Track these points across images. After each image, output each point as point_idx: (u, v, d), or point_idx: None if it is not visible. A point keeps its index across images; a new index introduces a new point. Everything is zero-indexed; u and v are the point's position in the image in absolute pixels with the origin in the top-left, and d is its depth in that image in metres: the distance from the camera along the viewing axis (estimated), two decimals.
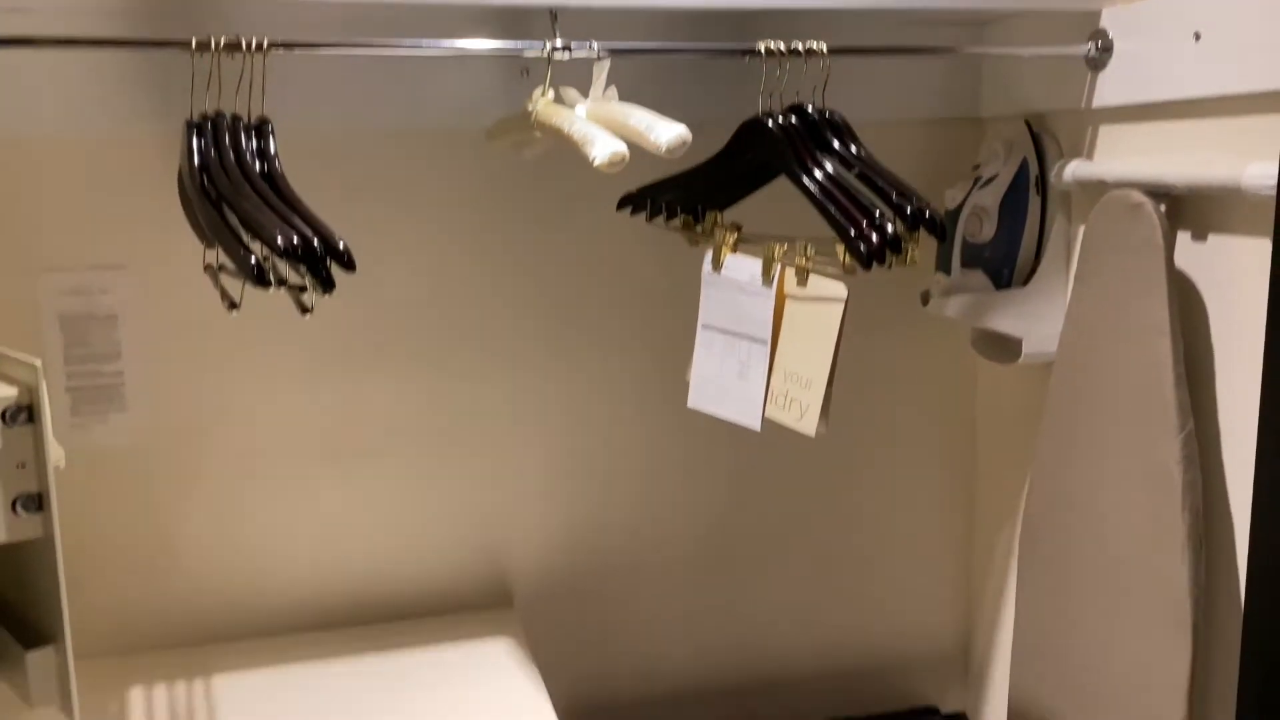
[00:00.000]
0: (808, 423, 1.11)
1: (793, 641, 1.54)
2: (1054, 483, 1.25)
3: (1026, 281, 1.30)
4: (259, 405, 1.29)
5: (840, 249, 1.05)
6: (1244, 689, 1.01)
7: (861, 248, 1.03)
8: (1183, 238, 1.11)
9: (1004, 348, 1.35)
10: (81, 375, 1.22)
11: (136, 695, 1.19)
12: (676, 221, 1.24)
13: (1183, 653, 1.06)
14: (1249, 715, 1.01)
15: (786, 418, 1.14)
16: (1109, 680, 1.18)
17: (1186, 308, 1.10)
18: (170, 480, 1.28)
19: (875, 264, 1.02)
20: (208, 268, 1.11)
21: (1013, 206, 1.30)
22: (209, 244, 1.07)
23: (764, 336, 1.15)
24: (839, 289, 1.08)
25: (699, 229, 1.23)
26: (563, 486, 1.41)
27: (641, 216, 1.26)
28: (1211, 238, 1.08)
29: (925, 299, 1.37)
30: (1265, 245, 1.00)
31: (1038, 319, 1.29)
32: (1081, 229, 1.23)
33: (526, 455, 1.40)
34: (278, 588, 1.34)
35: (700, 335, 1.22)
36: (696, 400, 1.22)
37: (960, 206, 1.33)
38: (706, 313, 1.21)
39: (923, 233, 1.04)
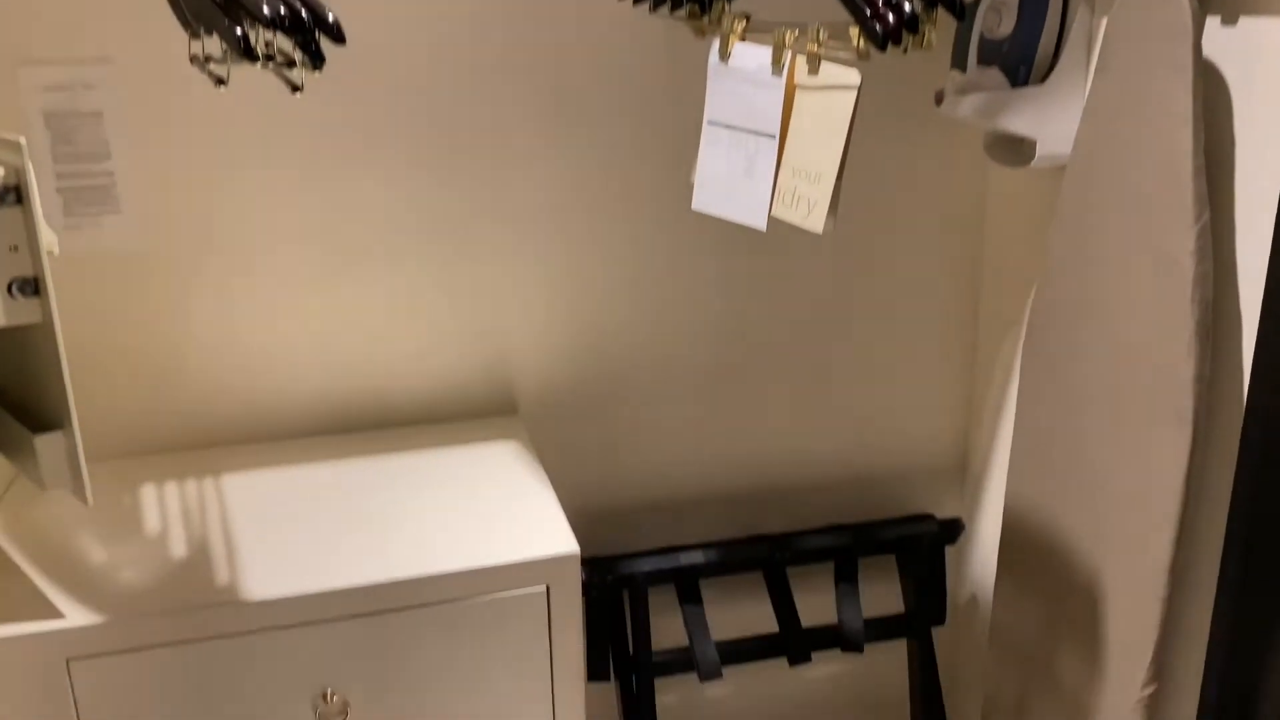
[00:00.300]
0: (815, 219, 1.09)
1: (794, 450, 1.56)
2: (1062, 282, 1.24)
3: (1044, 80, 1.25)
4: (255, 208, 1.27)
5: (855, 31, 1.00)
6: (1239, 484, 1.03)
7: (877, 28, 0.98)
8: (1212, 22, 1.06)
9: (1017, 151, 1.32)
10: (71, 176, 1.19)
11: (149, 492, 1.21)
12: (682, 11, 1.18)
13: (1182, 447, 1.07)
14: (1242, 510, 1.03)
15: (793, 215, 1.11)
16: (1106, 478, 1.20)
17: (1210, 96, 1.06)
18: (171, 284, 1.27)
19: (891, 45, 0.98)
20: (194, 59, 1.06)
21: (1034, 1, 1.24)
22: (194, 33, 1.02)
23: (772, 130, 1.11)
24: (852, 75, 1.04)
25: (706, 19, 1.17)
26: (565, 293, 1.40)
27: (645, 7, 1.20)
28: (1243, 21, 1.03)
29: (939, 99, 1.32)
30: None
31: (1053, 119, 1.25)
32: (1105, 21, 1.17)
33: (528, 261, 1.38)
34: (285, 393, 1.34)
35: (706, 132, 1.18)
36: (701, 202, 1.20)
37: (978, 0, 1.27)
38: (713, 108, 1.17)
39: (940, 14, 0.99)
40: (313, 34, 0.84)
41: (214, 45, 0.93)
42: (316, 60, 0.85)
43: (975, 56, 1.29)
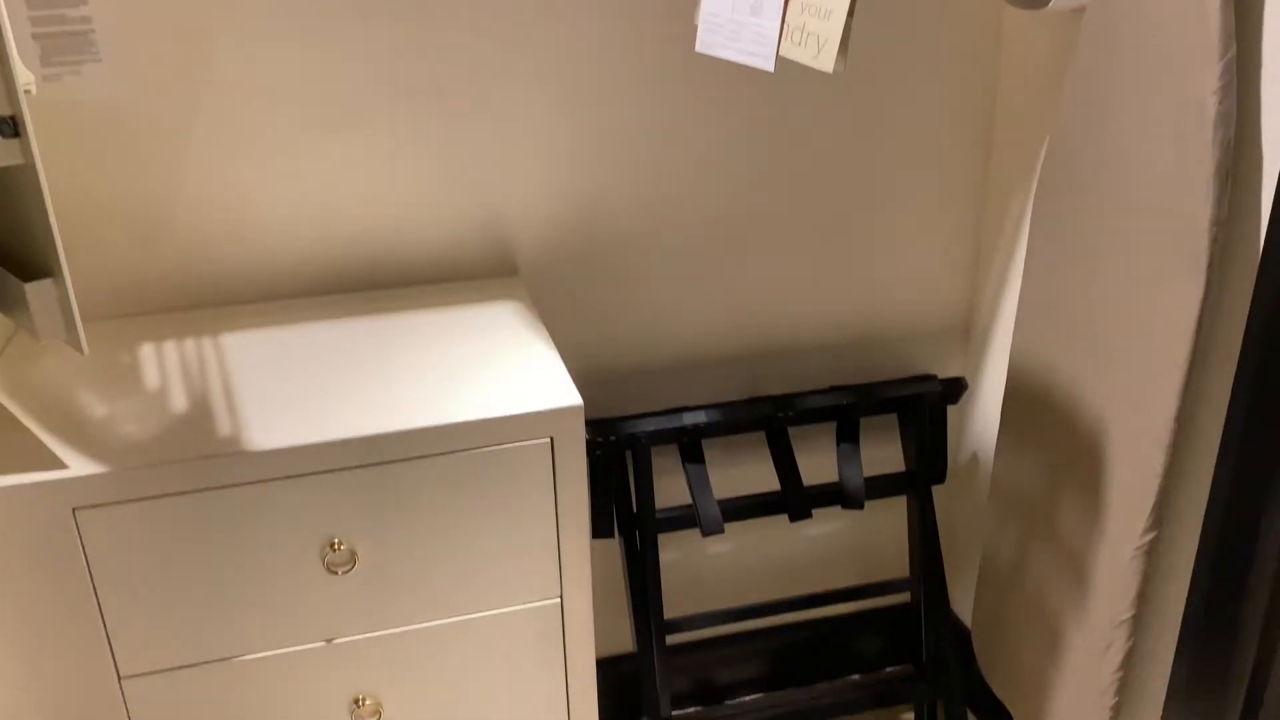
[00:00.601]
0: (825, 58, 1.05)
1: (798, 312, 1.54)
2: (1078, 131, 1.20)
3: None
4: (246, 61, 1.22)
5: None
6: (1250, 331, 1.02)
7: None
8: None
9: None
10: (46, 21, 1.14)
11: (147, 350, 1.20)
12: None
13: (1194, 293, 1.06)
14: (1252, 357, 1.02)
15: (803, 54, 1.07)
16: (1114, 328, 1.18)
17: None
18: (158, 138, 1.23)
19: None
20: None
21: None
22: None
23: None
24: None
25: None
26: (565, 150, 1.36)
27: None
28: None
29: None
30: None
31: None
32: None
33: (526, 116, 1.33)
34: (280, 254, 1.32)
35: None
36: (705, 43, 1.15)
37: None
38: None
39: None
40: None
41: None
42: None
43: None
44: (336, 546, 1.05)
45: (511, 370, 1.14)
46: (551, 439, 1.08)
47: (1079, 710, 1.30)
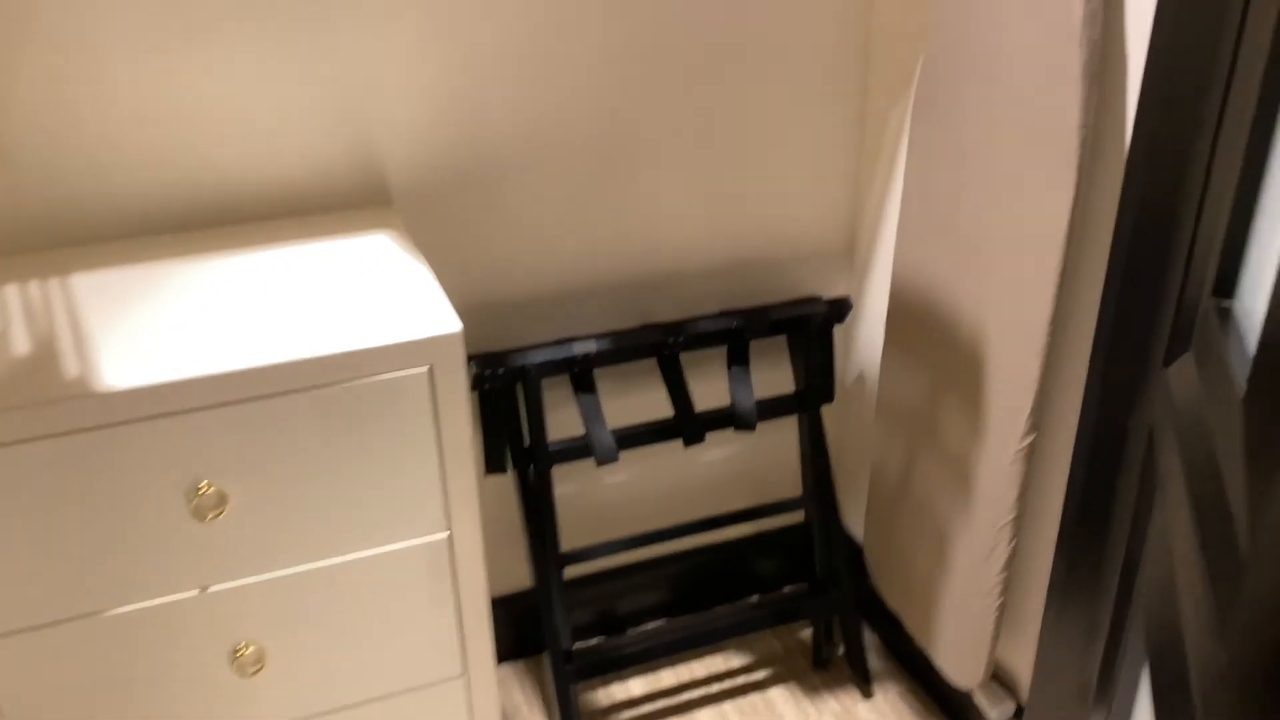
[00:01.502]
0: None
1: (685, 236, 1.52)
2: (948, 38, 1.20)
3: None
4: None
5: None
6: (1119, 231, 1.03)
7: None
8: None
9: None
10: None
11: None
12: None
13: (1064, 195, 1.07)
14: (1121, 257, 1.04)
15: None
16: (989, 235, 1.20)
17: None
18: None
19: None
20: None
21: None
22: None
23: None
24: None
25: None
26: (436, 69, 1.30)
27: None
28: None
29: None
30: None
31: None
32: None
33: (396, 33, 1.27)
34: (127, 186, 1.23)
35: None
36: None
37: None
38: None
39: None
40: None
41: None
42: None
43: None
44: (204, 490, 0.99)
45: (385, 300, 1.09)
46: (430, 368, 1.04)
47: (965, 613, 1.34)
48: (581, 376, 1.46)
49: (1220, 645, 0.61)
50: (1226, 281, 0.76)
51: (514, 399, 1.46)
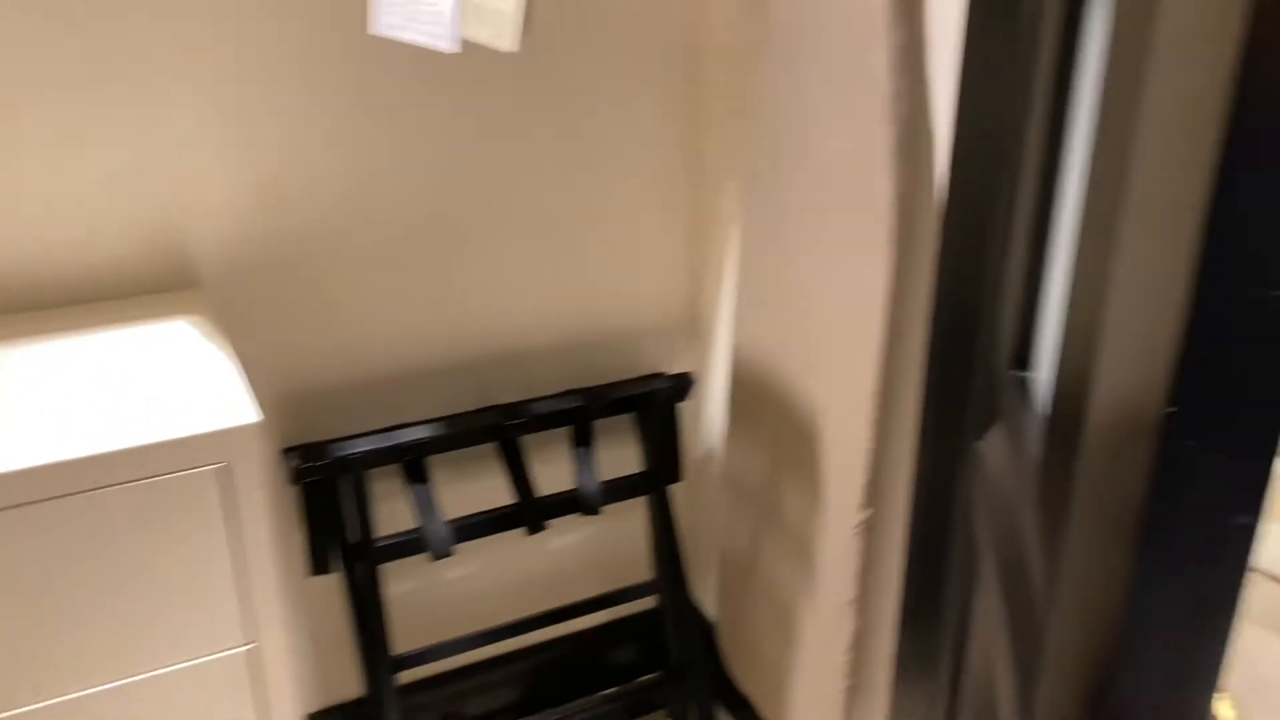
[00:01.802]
0: (507, 36, 0.99)
1: (523, 314, 1.48)
2: (773, 111, 1.21)
3: None
4: None
5: None
6: (936, 303, 1.04)
7: None
8: None
9: None
10: None
11: None
12: None
13: (883, 268, 1.07)
14: (938, 330, 1.04)
15: (483, 33, 1.00)
16: (818, 308, 1.19)
17: None
18: None
19: None
20: None
21: None
22: None
23: None
24: None
25: None
26: (247, 144, 1.23)
27: None
28: None
29: None
30: None
31: None
32: None
33: (200, 105, 1.20)
34: None
35: None
36: (379, 23, 1.06)
37: None
38: None
39: None
40: None
41: None
42: None
43: None
44: None
45: (178, 391, 1.00)
46: (226, 464, 0.96)
47: (816, 695, 1.30)
48: (414, 465, 1.39)
49: None
50: (1023, 353, 0.76)
51: (340, 492, 1.37)
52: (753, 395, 1.36)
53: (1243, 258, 0.42)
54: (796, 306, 1.23)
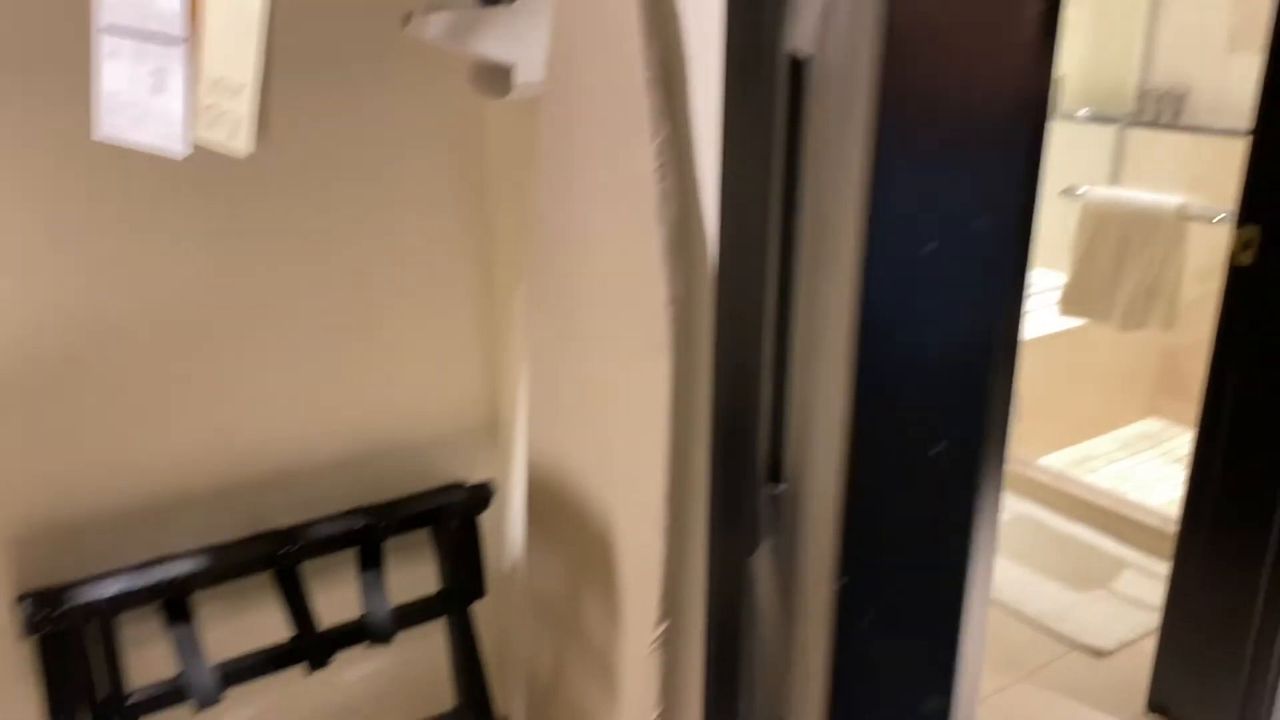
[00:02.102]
0: (241, 140, 0.91)
1: (304, 428, 1.37)
2: (551, 215, 1.17)
3: None
4: None
5: None
6: (716, 410, 1.01)
7: None
8: None
9: (502, 79, 1.23)
10: None
11: None
12: None
13: (663, 370, 1.04)
14: (720, 431, 1.01)
15: (216, 137, 0.93)
16: (607, 415, 1.15)
17: (661, 8, 1.02)
18: None
19: None
20: None
21: None
22: None
23: (178, 33, 0.92)
24: None
25: None
26: None
27: None
28: None
29: (407, 20, 1.19)
30: None
31: (531, 41, 1.17)
32: None
33: None
34: None
35: (102, 42, 0.96)
36: (106, 128, 0.97)
37: None
38: (106, 9, 0.94)
39: None
40: None
41: None
42: None
43: None
44: None
45: None
46: None
47: None
48: (174, 604, 1.25)
49: None
50: (777, 467, 0.73)
51: (85, 642, 1.21)
52: (550, 503, 1.29)
53: (896, 413, 0.39)
54: (587, 411, 1.18)
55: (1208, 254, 2.46)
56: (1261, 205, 1.58)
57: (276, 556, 1.30)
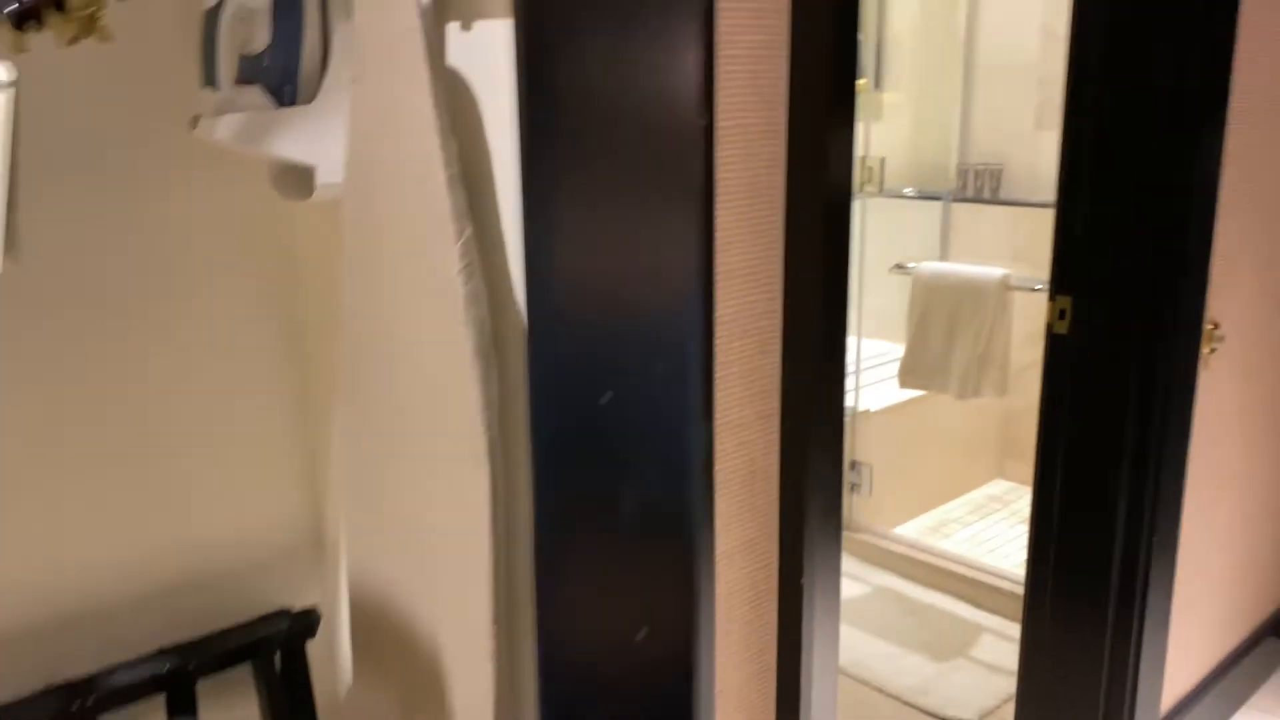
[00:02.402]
0: None
1: (90, 566, 1.24)
2: (359, 320, 1.11)
3: (314, 98, 1.12)
4: None
5: None
6: (538, 520, 0.96)
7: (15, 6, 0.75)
8: (453, 28, 1.00)
9: (304, 180, 1.17)
10: None
11: None
12: None
13: (482, 482, 0.98)
14: (545, 556, 0.96)
15: None
16: (430, 532, 1.07)
17: (459, 104, 0.99)
18: None
19: (31, 24, 0.76)
20: None
21: (287, 6, 1.10)
22: None
23: None
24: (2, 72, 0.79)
25: None
26: None
27: None
28: (478, 25, 0.97)
29: (194, 122, 1.12)
30: (509, 26, 0.92)
31: (330, 142, 1.12)
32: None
33: None
34: None
35: None
36: None
37: (220, 5, 1.10)
38: None
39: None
40: None
41: None
42: None
43: (233, 74, 1.12)
44: None
45: None
46: None
47: None
48: None
49: None
50: None
51: None
52: (374, 629, 1.20)
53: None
54: (407, 526, 1.11)
55: (1034, 321, 2.57)
56: (1070, 275, 1.65)
57: (69, 713, 1.16)
